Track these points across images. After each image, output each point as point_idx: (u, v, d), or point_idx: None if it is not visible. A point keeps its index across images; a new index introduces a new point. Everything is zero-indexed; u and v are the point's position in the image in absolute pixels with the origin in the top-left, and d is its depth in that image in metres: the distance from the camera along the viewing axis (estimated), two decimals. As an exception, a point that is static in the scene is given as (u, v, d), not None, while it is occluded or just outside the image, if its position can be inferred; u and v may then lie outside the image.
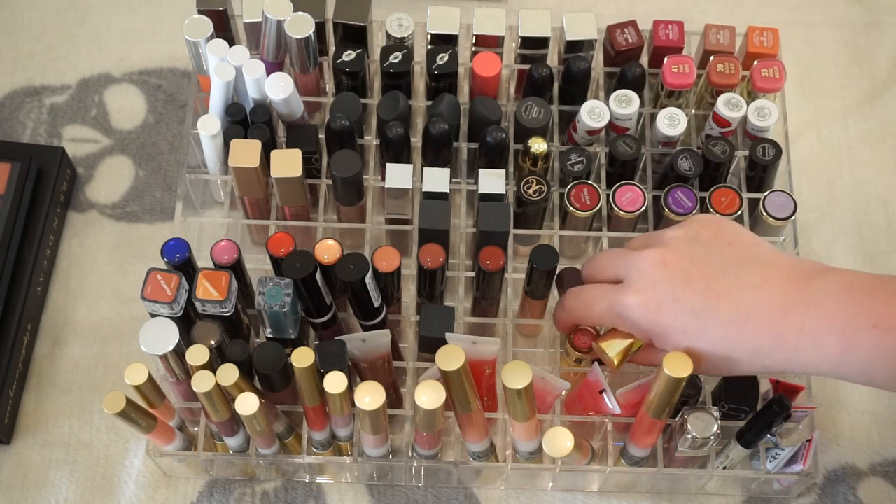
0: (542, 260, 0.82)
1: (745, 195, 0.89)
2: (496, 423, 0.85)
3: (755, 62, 0.92)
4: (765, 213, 0.88)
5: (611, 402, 0.79)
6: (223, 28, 0.93)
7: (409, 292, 0.90)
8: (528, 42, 0.95)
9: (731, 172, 0.93)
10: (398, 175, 0.87)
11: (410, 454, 0.83)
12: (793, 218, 0.88)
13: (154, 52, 1.07)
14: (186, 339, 0.76)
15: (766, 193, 0.89)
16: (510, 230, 0.85)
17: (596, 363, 0.81)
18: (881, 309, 0.66)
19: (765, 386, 0.83)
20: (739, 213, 0.88)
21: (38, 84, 1.05)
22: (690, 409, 0.78)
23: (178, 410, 0.82)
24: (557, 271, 0.84)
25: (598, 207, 0.88)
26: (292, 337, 0.79)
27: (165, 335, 0.74)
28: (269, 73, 0.88)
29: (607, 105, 0.90)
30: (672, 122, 0.90)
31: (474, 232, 0.88)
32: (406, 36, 0.93)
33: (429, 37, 0.94)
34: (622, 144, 0.89)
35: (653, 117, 0.92)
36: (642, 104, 0.93)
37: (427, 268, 0.82)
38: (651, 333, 0.74)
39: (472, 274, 0.86)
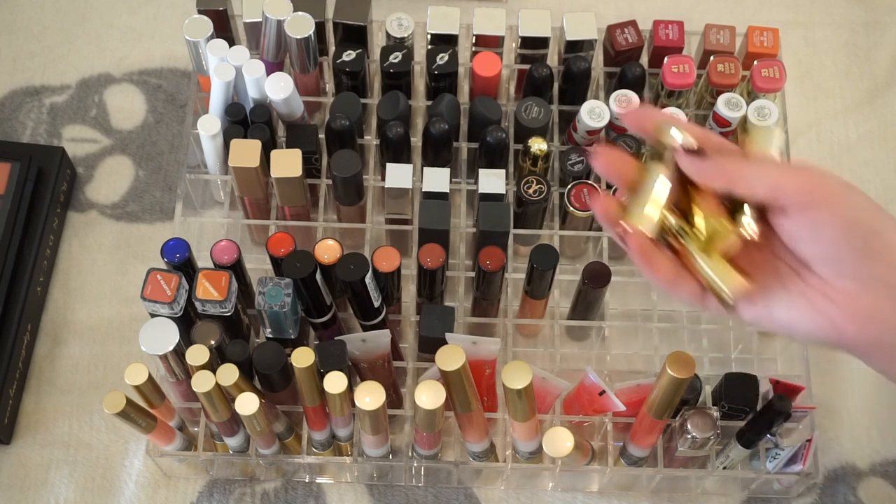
0: (542, 260, 0.82)
1: (745, 195, 0.89)
2: (496, 423, 0.85)
3: (755, 62, 0.92)
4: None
5: (616, 401, 0.79)
6: (223, 28, 0.93)
7: (409, 292, 0.90)
8: (528, 42, 0.95)
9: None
10: (398, 175, 0.87)
11: (410, 454, 0.83)
12: (793, 218, 0.88)
13: (154, 52, 1.07)
14: (186, 339, 0.76)
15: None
16: (510, 230, 0.85)
17: (589, 368, 0.80)
18: None
19: (765, 386, 0.83)
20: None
21: (38, 84, 1.05)
22: (690, 409, 0.78)
23: (178, 410, 0.82)
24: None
25: (598, 207, 0.88)
26: (292, 337, 0.79)
27: (165, 335, 0.74)
28: (269, 73, 0.88)
29: (607, 105, 0.90)
30: (672, 122, 0.90)
31: (474, 232, 0.88)
32: (406, 36, 0.93)
33: (429, 37, 0.94)
34: (622, 144, 0.89)
35: (653, 117, 0.92)
36: (642, 104, 0.93)
37: (427, 268, 0.82)
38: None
39: (472, 274, 0.86)
